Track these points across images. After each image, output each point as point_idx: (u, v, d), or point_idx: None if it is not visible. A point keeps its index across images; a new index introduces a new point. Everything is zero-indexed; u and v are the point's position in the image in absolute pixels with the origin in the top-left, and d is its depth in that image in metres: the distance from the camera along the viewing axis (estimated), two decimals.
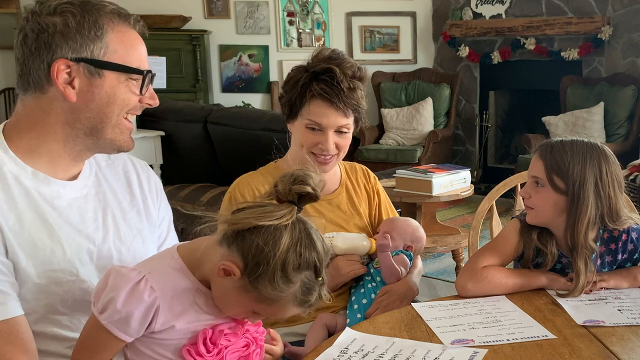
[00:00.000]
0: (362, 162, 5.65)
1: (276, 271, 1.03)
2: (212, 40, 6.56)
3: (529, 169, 1.60)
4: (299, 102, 1.65)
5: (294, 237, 1.05)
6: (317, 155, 1.68)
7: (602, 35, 5.50)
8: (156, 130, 4.39)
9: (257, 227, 1.04)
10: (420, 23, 6.59)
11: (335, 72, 1.63)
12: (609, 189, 1.51)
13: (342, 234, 1.69)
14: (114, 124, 1.22)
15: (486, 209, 2.01)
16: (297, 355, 1.58)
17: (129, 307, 1.07)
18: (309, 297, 1.09)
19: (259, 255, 1.03)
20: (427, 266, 4.12)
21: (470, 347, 1.29)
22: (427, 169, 3.48)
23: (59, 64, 1.15)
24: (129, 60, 1.20)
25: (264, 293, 1.05)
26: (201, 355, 1.11)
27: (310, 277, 1.07)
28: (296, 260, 1.04)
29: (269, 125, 3.60)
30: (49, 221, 1.19)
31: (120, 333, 1.08)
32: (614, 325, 1.39)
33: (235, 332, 1.16)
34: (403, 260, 1.74)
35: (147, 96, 1.26)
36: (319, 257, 1.07)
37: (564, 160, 1.51)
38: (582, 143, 1.54)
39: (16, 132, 1.21)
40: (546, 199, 1.54)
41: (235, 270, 1.05)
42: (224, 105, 5.48)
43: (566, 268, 1.60)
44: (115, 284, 1.08)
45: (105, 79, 1.18)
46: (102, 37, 1.17)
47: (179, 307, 1.11)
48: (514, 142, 6.48)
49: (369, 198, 1.85)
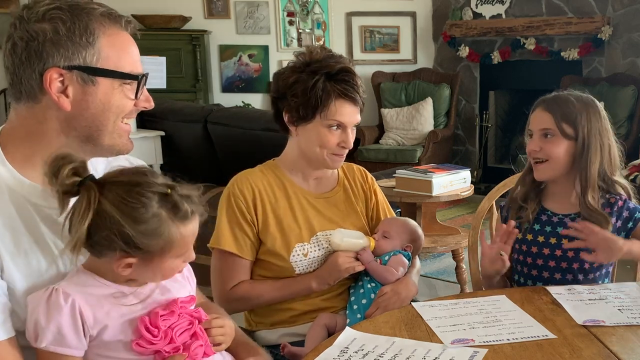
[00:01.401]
0: (362, 162, 5.66)
1: (139, 232, 1.07)
2: (212, 40, 6.56)
3: (532, 124, 1.70)
4: (320, 104, 1.65)
5: (115, 202, 1.07)
6: (337, 155, 1.70)
7: (602, 35, 5.50)
8: (156, 130, 4.39)
9: (95, 226, 1.06)
10: (420, 23, 6.59)
11: (351, 71, 1.68)
12: (607, 137, 1.67)
13: (340, 230, 1.70)
14: (111, 130, 1.20)
15: (486, 209, 2.01)
16: (297, 355, 1.58)
17: (53, 319, 1.07)
18: (181, 208, 1.11)
19: (123, 237, 1.06)
20: (427, 266, 4.12)
21: (470, 346, 1.29)
22: (427, 169, 3.47)
23: (52, 73, 1.11)
24: (122, 65, 1.18)
25: (155, 247, 1.09)
26: (150, 342, 1.12)
27: (163, 200, 1.09)
28: (136, 209, 1.07)
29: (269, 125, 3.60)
30: (44, 239, 1.16)
31: (64, 349, 1.08)
32: (614, 325, 1.39)
33: (172, 310, 1.17)
34: (401, 261, 1.74)
35: (142, 99, 1.23)
36: (147, 182, 1.10)
37: (570, 110, 1.64)
38: (580, 95, 1.69)
39: (11, 140, 1.18)
40: (560, 147, 1.64)
41: (130, 261, 1.09)
42: (224, 105, 5.48)
43: (557, 227, 1.67)
44: (32, 309, 1.09)
45: (99, 86, 1.16)
46: (93, 43, 1.14)
47: (99, 303, 1.11)
48: (514, 142, 6.47)
49: (367, 198, 1.85)
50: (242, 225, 1.68)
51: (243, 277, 1.70)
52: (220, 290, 1.70)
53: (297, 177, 1.76)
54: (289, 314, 1.71)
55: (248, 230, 1.68)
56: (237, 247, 1.67)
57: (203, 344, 1.19)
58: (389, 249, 1.75)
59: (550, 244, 1.68)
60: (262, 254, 1.70)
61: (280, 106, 1.72)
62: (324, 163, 1.71)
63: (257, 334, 1.74)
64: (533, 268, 1.70)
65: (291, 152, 1.76)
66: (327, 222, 1.74)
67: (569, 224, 1.62)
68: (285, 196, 1.73)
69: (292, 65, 1.71)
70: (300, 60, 1.69)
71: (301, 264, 1.69)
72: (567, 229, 1.63)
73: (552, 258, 1.68)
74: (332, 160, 1.71)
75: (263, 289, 1.69)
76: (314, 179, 1.78)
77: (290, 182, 1.75)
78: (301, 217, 1.72)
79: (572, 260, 1.66)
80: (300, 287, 1.68)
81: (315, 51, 1.70)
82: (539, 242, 1.69)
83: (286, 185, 1.74)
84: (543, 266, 1.69)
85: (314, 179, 1.78)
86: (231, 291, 1.68)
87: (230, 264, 1.69)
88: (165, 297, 1.19)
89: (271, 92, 1.77)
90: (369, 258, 1.70)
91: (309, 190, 1.77)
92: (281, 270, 1.69)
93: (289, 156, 1.77)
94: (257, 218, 1.69)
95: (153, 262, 1.12)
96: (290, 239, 1.68)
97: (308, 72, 1.66)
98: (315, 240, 1.71)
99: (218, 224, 1.69)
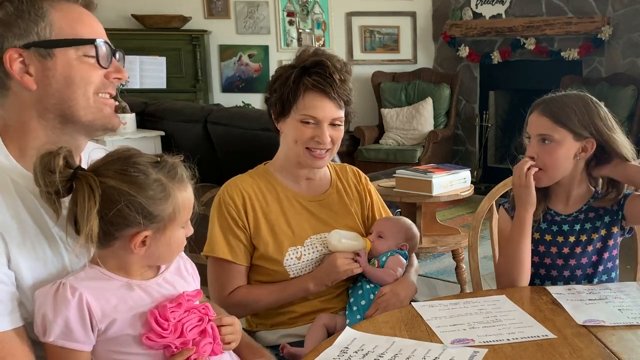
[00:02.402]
0: (362, 162, 5.66)
1: (148, 198, 1.10)
2: (212, 40, 6.55)
3: (529, 127, 1.68)
4: (292, 97, 1.64)
5: (116, 177, 1.09)
6: (312, 150, 1.67)
7: (602, 35, 5.50)
8: (156, 130, 4.38)
9: (106, 206, 1.08)
10: (420, 23, 6.59)
11: (327, 64, 1.64)
12: (610, 123, 1.62)
13: (337, 231, 1.69)
14: (83, 105, 1.18)
15: (486, 209, 2.01)
16: (297, 355, 1.58)
17: (60, 313, 1.07)
18: (177, 172, 1.15)
19: (136, 207, 1.09)
20: (427, 266, 4.11)
21: (470, 346, 1.29)
22: (427, 169, 3.47)
23: (10, 53, 1.12)
24: (77, 34, 1.16)
25: (165, 213, 1.12)
26: (160, 335, 1.13)
27: (156, 167, 1.12)
28: (138, 177, 1.10)
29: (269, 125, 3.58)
30: (50, 230, 1.17)
31: (72, 344, 1.09)
32: (614, 325, 1.39)
33: (179, 302, 1.17)
34: (399, 261, 1.74)
35: (111, 70, 1.21)
36: (136, 154, 1.13)
37: (565, 111, 1.60)
38: (572, 94, 1.65)
39: (6, 135, 1.19)
40: (557, 152, 1.61)
41: (145, 234, 1.12)
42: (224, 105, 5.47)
43: (562, 225, 1.67)
44: (40, 303, 1.09)
45: (56, 59, 1.15)
46: (44, 17, 1.14)
47: (107, 297, 1.12)
48: (514, 142, 6.46)
49: (361, 198, 1.84)
50: (235, 231, 1.67)
51: (240, 283, 1.69)
52: (217, 297, 1.69)
53: (288, 179, 1.75)
54: (288, 316, 1.71)
55: (241, 235, 1.67)
56: (231, 254, 1.66)
57: (212, 342, 1.20)
58: (384, 249, 1.74)
59: (557, 242, 1.68)
60: (256, 259, 1.70)
61: (268, 105, 1.73)
62: (304, 161, 1.68)
63: (257, 335, 1.74)
64: (541, 267, 1.70)
65: (280, 152, 1.76)
66: (320, 224, 1.73)
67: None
68: (277, 200, 1.71)
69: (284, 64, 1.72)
70: (294, 59, 1.70)
71: (295, 268, 1.68)
72: (572, 227, 1.65)
73: (559, 256, 1.68)
74: (310, 157, 1.67)
75: (260, 293, 1.69)
76: (305, 180, 1.76)
77: (281, 186, 1.74)
78: (294, 221, 1.71)
79: (579, 256, 1.67)
80: (297, 289, 1.68)
81: (307, 49, 1.70)
82: (547, 241, 1.69)
83: (277, 189, 1.73)
84: (551, 265, 1.69)
85: (305, 180, 1.76)
86: (229, 297, 1.68)
87: (226, 270, 1.68)
88: (171, 293, 1.20)
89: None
90: (365, 261, 1.70)
91: (301, 193, 1.75)
92: (276, 274, 1.68)
93: (279, 158, 1.76)
94: (248, 223, 1.67)
95: (165, 233, 1.14)
96: (283, 243, 1.68)
97: (287, 68, 1.67)
98: (309, 243, 1.70)
99: (211, 232, 1.68)
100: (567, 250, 1.68)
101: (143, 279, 1.18)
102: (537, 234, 1.71)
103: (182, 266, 1.28)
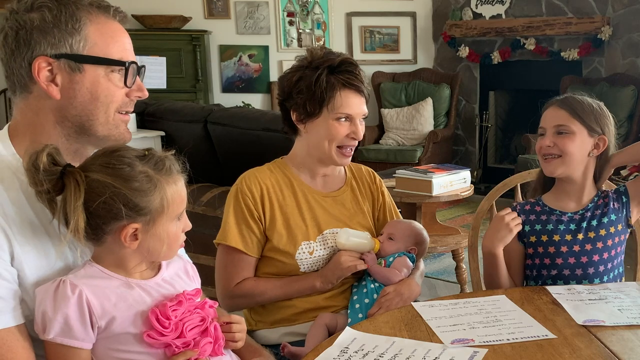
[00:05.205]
0: (363, 162, 5.65)
1: (133, 190, 1.10)
2: (212, 40, 6.56)
3: (545, 121, 1.71)
4: (326, 97, 1.66)
5: (101, 170, 1.10)
6: (343, 148, 1.71)
7: (602, 35, 5.50)
8: (156, 130, 4.38)
9: (90, 199, 1.08)
10: (420, 23, 6.59)
11: (354, 62, 1.70)
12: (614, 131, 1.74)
13: (346, 230, 1.71)
14: (103, 121, 1.20)
15: (486, 209, 2.01)
16: (297, 355, 1.58)
17: (60, 310, 1.07)
18: (164, 164, 1.15)
19: (121, 199, 1.09)
20: (427, 266, 4.10)
21: (470, 346, 1.29)
22: (427, 169, 3.48)
23: (40, 61, 1.13)
24: (109, 53, 1.17)
25: (153, 205, 1.12)
26: (161, 333, 1.13)
27: (143, 159, 1.13)
28: (122, 169, 1.10)
29: (269, 125, 3.59)
30: (54, 228, 1.16)
31: (72, 341, 1.09)
32: (614, 325, 1.39)
33: (179, 300, 1.17)
34: (405, 263, 1.74)
35: (134, 89, 1.23)
36: (123, 148, 1.15)
37: (582, 105, 1.68)
38: (587, 97, 1.73)
39: (17, 135, 1.20)
40: (574, 142, 1.66)
41: (134, 227, 1.11)
42: (224, 105, 5.48)
43: (569, 224, 1.69)
44: (40, 300, 1.10)
45: (85, 74, 1.16)
46: (80, 30, 1.14)
47: (107, 295, 1.12)
48: (514, 142, 6.47)
49: (374, 198, 1.86)
50: (249, 222, 1.68)
51: (247, 274, 1.71)
52: (224, 286, 1.71)
53: (305, 175, 1.77)
54: (291, 312, 1.71)
55: (255, 227, 1.69)
56: (243, 244, 1.68)
57: (212, 342, 1.20)
58: (393, 250, 1.75)
59: (566, 241, 1.68)
60: (267, 251, 1.71)
61: (288, 106, 1.73)
62: (332, 159, 1.72)
63: (257, 333, 1.75)
64: (553, 268, 1.70)
65: (300, 150, 1.77)
66: (334, 220, 1.75)
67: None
68: (293, 194, 1.74)
69: (295, 66, 1.72)
70: (303, 60, 1.71)
71: (306, 262, 1.69)
72: (579, 225, 1.68)
73: (571, 255, 1.68)
74: (340, 156, 1.71)
75: (267, 286, 1.70)
76: (321, 177, 1.79)
77: (298, 180, 1.76)
78: (308, 215, 1.73)
79: (591, 253, 1.67)
80: (304, 285, 1.69)
81: (316, 50, 1.72)
82: (555, 242, 1.69)
83: (294, 184, 1.75)
84: (563, 265, 1.69)
85: (322, 177, 1.79)
86: (235, 287, 1.69)
87: (236, 260, 1.69)
88: (171, 293, 1.20)
89: (277, 96, 1.78)
90: (373, 260, 1.71)
91: (317, 189, 1.78)
92: (286, 267, 1.70)
93: (297, 155, 1.78)
94: (264, 215, 1.69)
95: (156, 226, 1.14)
96: (297, 236, 1.69)
97: (311, 69, 1.68)
98: (322, 238, 1.72)
99: (225, 220, 1.70)
100: (578, 248, 1.68)
101: (142, 279, 1.18)
102: (545, 236, 1.70)
103: (182, 267, 1.28)
